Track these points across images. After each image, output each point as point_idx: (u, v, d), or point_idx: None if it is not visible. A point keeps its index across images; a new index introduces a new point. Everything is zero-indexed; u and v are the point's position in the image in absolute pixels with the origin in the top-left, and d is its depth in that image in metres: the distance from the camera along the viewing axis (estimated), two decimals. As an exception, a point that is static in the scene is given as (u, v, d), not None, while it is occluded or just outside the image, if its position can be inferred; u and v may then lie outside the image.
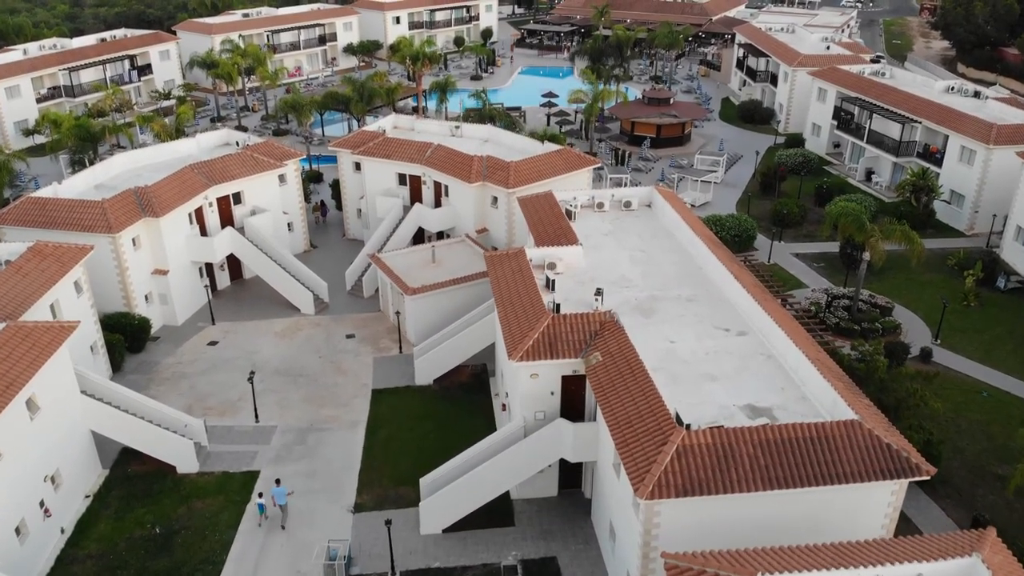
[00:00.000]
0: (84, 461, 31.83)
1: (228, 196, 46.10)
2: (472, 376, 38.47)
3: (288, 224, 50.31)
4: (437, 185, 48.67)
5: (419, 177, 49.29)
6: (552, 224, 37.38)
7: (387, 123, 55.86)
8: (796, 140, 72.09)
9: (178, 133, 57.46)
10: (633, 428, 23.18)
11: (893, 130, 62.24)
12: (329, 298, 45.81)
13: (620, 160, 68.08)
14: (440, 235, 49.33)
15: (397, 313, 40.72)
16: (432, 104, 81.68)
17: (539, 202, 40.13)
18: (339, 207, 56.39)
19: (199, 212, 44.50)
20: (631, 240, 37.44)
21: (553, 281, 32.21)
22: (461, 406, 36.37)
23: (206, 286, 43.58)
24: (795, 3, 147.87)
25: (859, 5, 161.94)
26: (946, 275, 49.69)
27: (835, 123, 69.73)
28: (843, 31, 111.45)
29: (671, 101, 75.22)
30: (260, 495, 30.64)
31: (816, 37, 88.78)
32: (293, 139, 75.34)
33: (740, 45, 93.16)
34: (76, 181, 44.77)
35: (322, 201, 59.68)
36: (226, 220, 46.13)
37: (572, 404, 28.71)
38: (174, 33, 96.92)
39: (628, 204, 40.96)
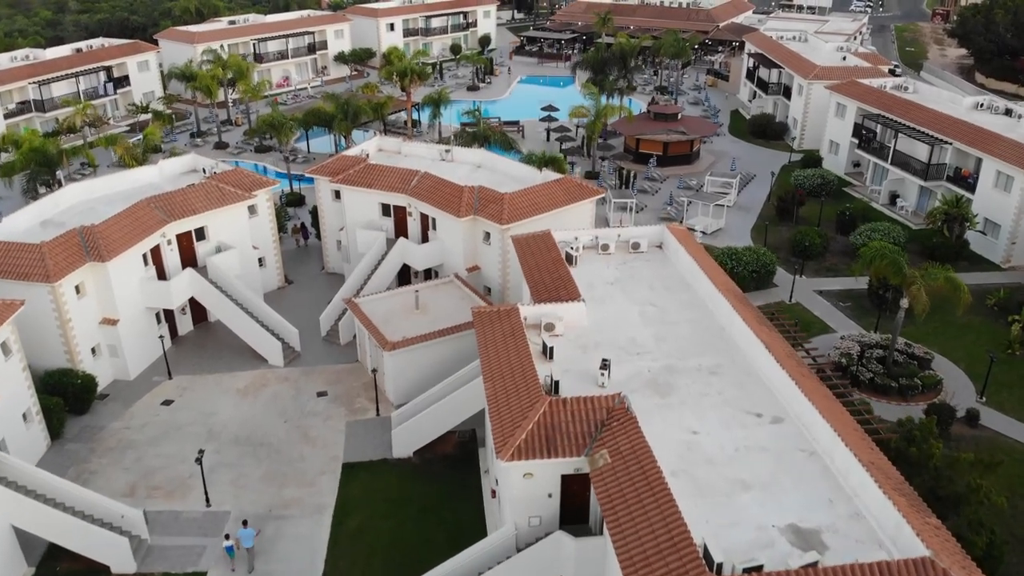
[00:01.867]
0: (4, 561, 27.10)
1: (190, 232, 41.34)
2: (458, 446, 33.67)
3: (259, 259, 45.58)
4: (424, 217, 43.97)
5: (404, 208, 44.60)
6: (550, 272, 32.68)
7: (371, 146, 51.10)
8: (813, 159, 67.32)
9: (145, 156, 52.67)
10: (651, 568, 18.42)
11: (920, 151, 57.45)
12: (301, 345, 41.06)
13: (625, 181, 63.34)
14: (428, 273, 44.67)
15: (374, 371, 35.89)
16: (425, 118, 77.02)
17: (536, 244, 35.41)
18: (319, 236, 51.76)
19: (156, 251, 39.76)
20: (641, 291, 32.70)
21: (551, 348, 27.49)
22: (445, 485, 31.56)
23: (161, 337, 38.78)
24: (803, 9, 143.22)
25: (868, 10, 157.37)
26: (985, 317, 44.91)
27: (855, 141, 64.95)
28: (856, 38, 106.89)
29: (679, 116, 70.52)
30: (227, 536, 27.95)
31: (831, 47, 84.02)
32: (276, 156, 70.67)
33: (750, 55, 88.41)
34: (20, 217, 40.04)
35: (303, 223, 55.18)
36: (187, 259, 41.41)
37: (574, 507, 23.99)
38: (155, 42, 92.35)
39: (636, 246, 36.21)
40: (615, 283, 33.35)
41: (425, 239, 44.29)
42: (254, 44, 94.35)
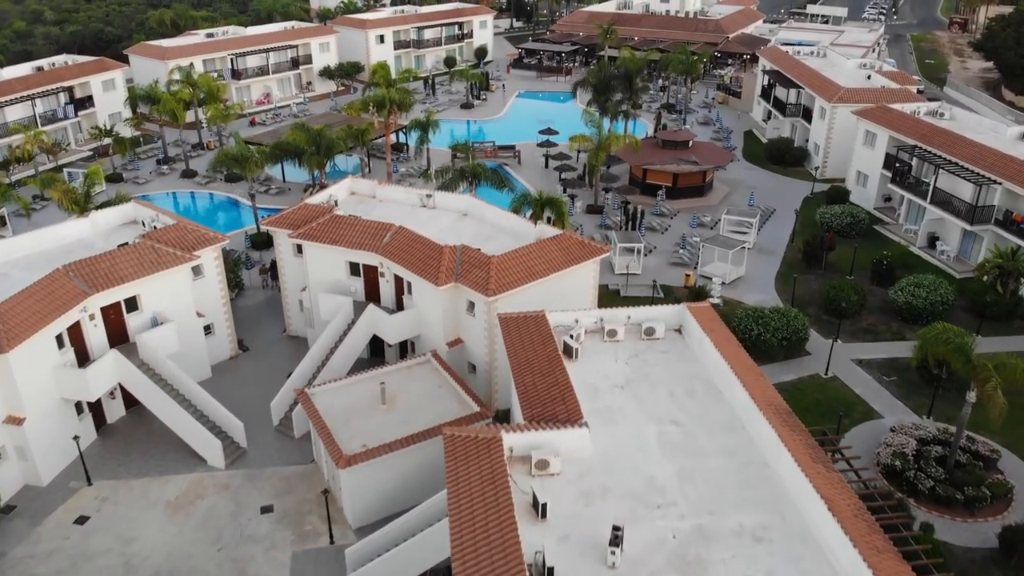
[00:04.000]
0: None
1: (119, 303, 34.86)
2: (431, 590, 27.17)
3: (206, 327, 39.10)
4: (399, 280, 37.51)
5: (376, 268, 38.15)
6: (545, 375, 26.20)
7: (342, 189, 44.62)
8: (839, 193, 60.62)
9: (87, 201, 46.16)
10: None
11: (964, 190, 50.91)
12: (250, 437, 34.45)
13: (631, 219, 56.76)
14: (404, 346, 38.28)
15: (326, 492, 29.29)
16: (413, 141, 70.41)
17: (527, 330, 28.94)
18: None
19: (75, 329, 33.26)
20: (659, 400, 26.17)
21: (544, 506, 20.95)
22: (411, 651, 25.11)
23: (76, 438, 32.15)
24: (816, 18, 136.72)
25: (882, 18, 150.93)
26: (1054, 394, 38.32)
27: (887, 174, 58.39)
28: (874, 51, 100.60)
29: (689, 144, 63.93)
30: None
31: (853, 64, 77.59)
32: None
33: (765, 72, 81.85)
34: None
35: (273, 262, 48.86)
36: (116, 335, 34.91)
37: None
38: (125, 58, 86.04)
39: (651, 331, 29.69)
40: (626, 386, 26.83)
41: (400, 304, 37.86)
42: (231, 59, 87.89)
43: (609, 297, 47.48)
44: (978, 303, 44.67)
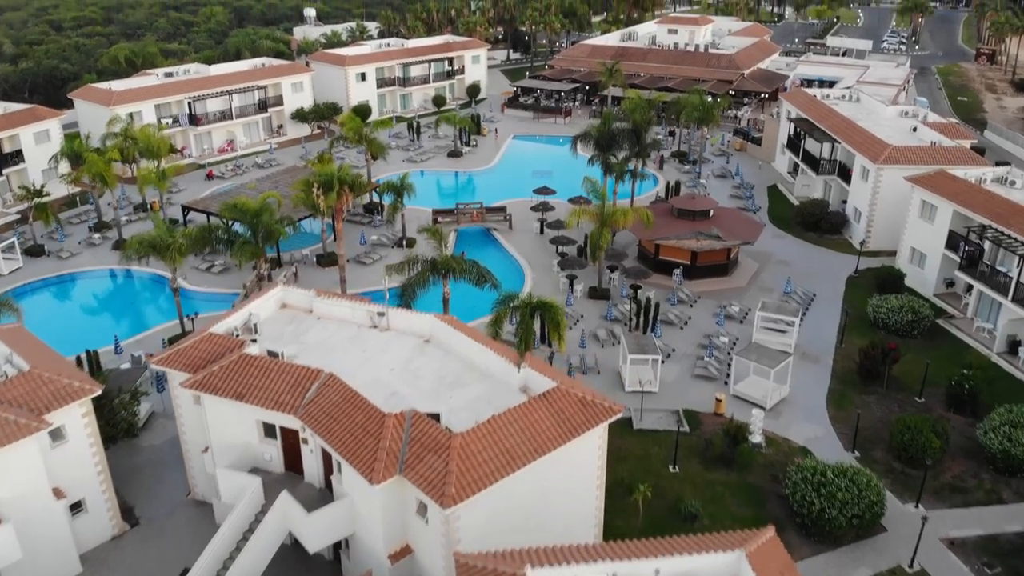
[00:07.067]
0: None
1: (-73, 499, 24.67)
2: None
3: (74, 505, 28.74)
4: (327, 454, 27.17)
5: (297, 431, 27.83)
6: None
7: (270, 301, 34.29)
8: (892, 277, 50.18)
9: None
10: None
11: (1060, 287, 40.75)
12: None
13: (643, 310, 46.38)
14: (337, 550, 27.89)
15: None
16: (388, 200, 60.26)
17: (495, 599, 18.56)
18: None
19: None
20: None
21: None
22: None
23: None
24: (835, 50, 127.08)
25: (903, 47, 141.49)
26: None
27: (951, 256, 48.04)
28: (904, 89, 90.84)
29: (710, 213, 53.68)
30: None
31: (892, 112, 67.59)
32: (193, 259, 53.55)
33: (791, 120, 71.75)
34: None
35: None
36: (-80, 545, 24.68)
37: None
38: (68, 103, 76.43)
39: (685, 596, 19.25)
40: None
41: (329, 484, 27.50)
42: (189, 103, 78.07)
43: (619, 428, 37.20)
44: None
